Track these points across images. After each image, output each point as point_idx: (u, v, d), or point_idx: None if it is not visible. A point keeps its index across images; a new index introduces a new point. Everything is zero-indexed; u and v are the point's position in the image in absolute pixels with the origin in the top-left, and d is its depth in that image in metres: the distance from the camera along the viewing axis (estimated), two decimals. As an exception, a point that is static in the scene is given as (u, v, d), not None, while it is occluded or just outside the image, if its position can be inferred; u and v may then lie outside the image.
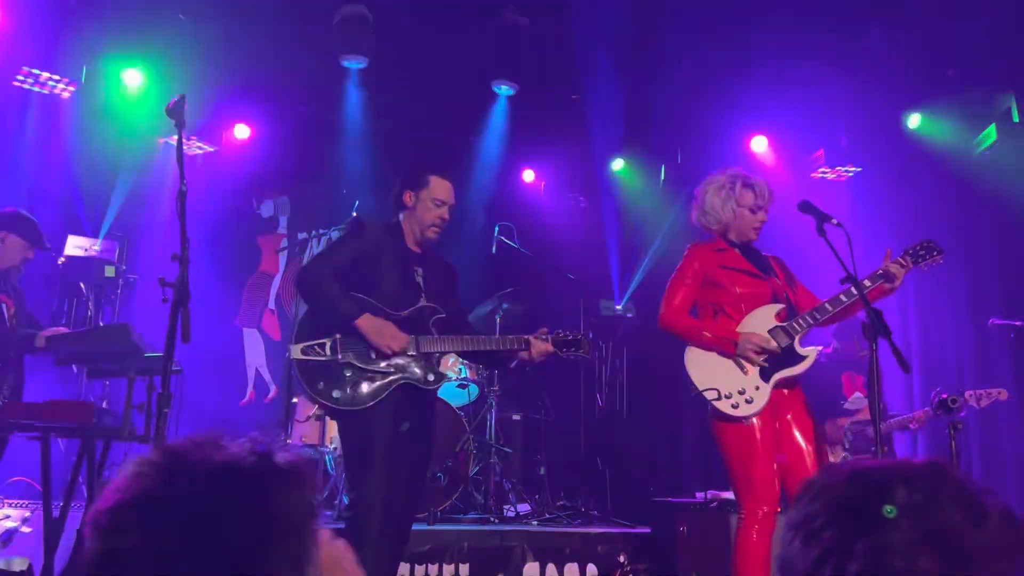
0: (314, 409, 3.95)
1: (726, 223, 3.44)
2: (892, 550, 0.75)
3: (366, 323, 3.25)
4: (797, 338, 3.28)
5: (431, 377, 3.36)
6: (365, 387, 3.24)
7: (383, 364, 3.27)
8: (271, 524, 0.85)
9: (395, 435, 3.22)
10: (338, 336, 3.25)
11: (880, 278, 3.30)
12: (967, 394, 4.61)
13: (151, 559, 0.82)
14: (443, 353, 3.54)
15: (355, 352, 3.26)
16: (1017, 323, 4.66)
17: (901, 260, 3.33)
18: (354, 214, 5.48)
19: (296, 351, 3.25)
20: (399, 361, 3.30)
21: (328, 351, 3.25)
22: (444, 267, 3.64)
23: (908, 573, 0.75)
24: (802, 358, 3.28)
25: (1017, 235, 6.21)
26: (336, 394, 3.21)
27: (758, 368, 3.24)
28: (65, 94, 6.20)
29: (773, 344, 3.24)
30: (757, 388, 3.22)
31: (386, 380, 3.27)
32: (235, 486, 0.86)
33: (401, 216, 3.52)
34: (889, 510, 0.76)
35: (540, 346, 3.41)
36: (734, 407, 3.20)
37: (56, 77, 6.05)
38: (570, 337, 3.50)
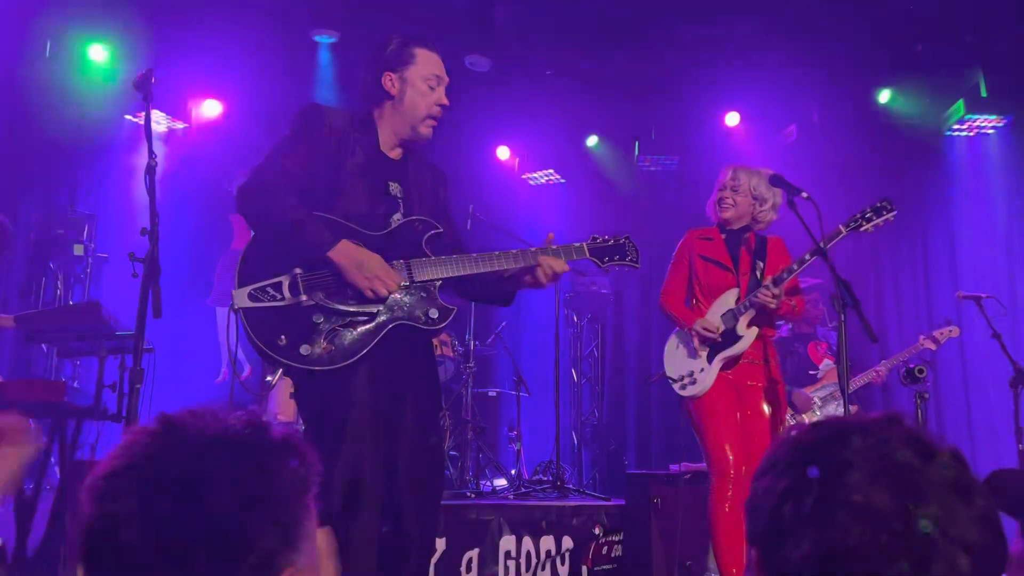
0: (277, 375, 2.42)
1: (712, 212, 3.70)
2: (848, 486, 0.79)
3: (344, 254, 2.40)
4: (741, 319, 3.46)
5: (433, 313, 2.53)
6: (347, 335, 2.41)
7: (366, 302, 2.46)
8: (262, 494, 0.86)
9: (378, 399, 2.46)
10: (298, 271, 2.41)
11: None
12: (921, 338, 4.69)
13: (144, 523, 0.83)
14: (444, 280, 2.59)
15: (325, 290, 2.42)
16: (983, 295, 4.74)
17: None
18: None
19: (241, 297, 2.37)
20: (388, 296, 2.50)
21: (287, 292, 2.39)
22: (430, 174, 2.80)
23: (864, 507, 0.78)
24: (739, 338, 3.48)
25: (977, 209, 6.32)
26: (305, 350, 2.36)
27: (706, 351, 3.49)
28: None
29: (714, 330, 3.44)
30: (702, 370, 3.49)
31: (374, 323, 2.45)
32: (228, 456, 0.88)
33: (376, 112, 2.69)
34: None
35: (553, 263, 2.59)
36: (683, 388, 3.51)
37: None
38: (610, 242, 2.74)
